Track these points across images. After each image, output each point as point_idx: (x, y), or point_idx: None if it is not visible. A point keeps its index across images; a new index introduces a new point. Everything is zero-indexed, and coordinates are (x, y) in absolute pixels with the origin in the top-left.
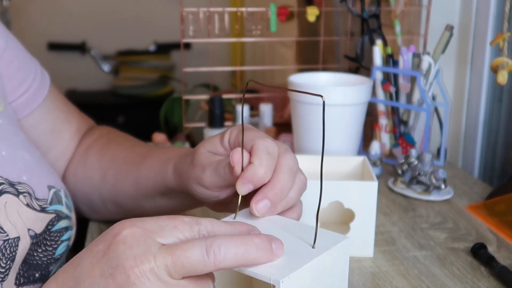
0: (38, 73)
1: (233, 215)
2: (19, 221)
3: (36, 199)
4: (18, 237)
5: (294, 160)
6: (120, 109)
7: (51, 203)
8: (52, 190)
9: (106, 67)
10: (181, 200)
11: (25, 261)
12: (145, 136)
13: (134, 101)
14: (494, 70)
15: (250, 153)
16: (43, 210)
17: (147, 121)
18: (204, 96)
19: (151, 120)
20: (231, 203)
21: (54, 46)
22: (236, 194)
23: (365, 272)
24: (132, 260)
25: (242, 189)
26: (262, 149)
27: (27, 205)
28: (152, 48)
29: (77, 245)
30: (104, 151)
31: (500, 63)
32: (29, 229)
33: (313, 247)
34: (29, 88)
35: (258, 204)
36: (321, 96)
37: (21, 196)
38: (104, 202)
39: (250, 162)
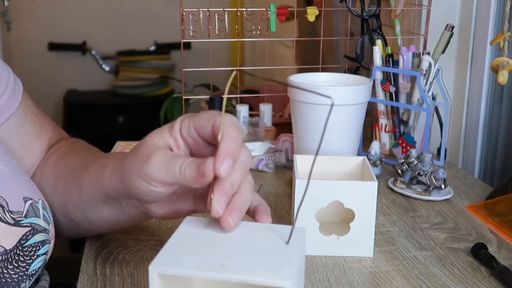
0: (11, 81)
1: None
2: None
3: (10, 211)
4: None
5: (249, 158)
6: (120, 109)
7: (26, 216)
8: (29, 202)
9: (106, 67)
10: (124, 209)
11: None
12: (145, 136)
13: (134, 101)
14: (495, 69)
15: (212, 132)
16: (17, 223)
17: (147, 121)
18: (204, 96)
19: (151, 120)
20: (177, 207)
21: (55, 46)
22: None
23: (365, 272)
24: None
25: (224, 167)
26: (226, 123)
27: None
28: (152, 48)
29: (78, 245)
30: (60, 160)
31: (500, 63)
32: None
33: (287, 243)
34: (2, 97)
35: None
36: (330, 97)
37: None
38: (55, 213)
39: (215, 143)
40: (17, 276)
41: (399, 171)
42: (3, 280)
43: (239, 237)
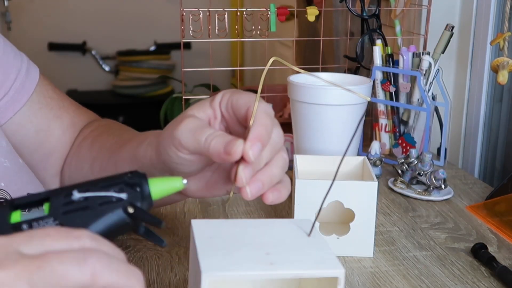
0: (21, 73)
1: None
2: None
3: None
4: None
5: (280, 137)
6: (120, 109)
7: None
8: None
9: (106, 67)
10: None
11: None
12: None
13: (134, 101)
14: (495, 69)
15: (245, 116)
16: None
17: (147, 121)
18: (204, 96)
19: (151, 120)
20: (210, 185)
21: (55, 47)
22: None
23: (365, 272)
24: None
25: (253, 152)
26: (259, 110)
27: None
28: (152, 48)
29: None
30: (96, 141)
31: (500, 63)
32: None
33: (309, 235)
34: (9, 92)
35: (245, 171)
36: (368, 98)
37: None
38: None
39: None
40: None
41: (399, 171)
42: None
43: (259, 235)
